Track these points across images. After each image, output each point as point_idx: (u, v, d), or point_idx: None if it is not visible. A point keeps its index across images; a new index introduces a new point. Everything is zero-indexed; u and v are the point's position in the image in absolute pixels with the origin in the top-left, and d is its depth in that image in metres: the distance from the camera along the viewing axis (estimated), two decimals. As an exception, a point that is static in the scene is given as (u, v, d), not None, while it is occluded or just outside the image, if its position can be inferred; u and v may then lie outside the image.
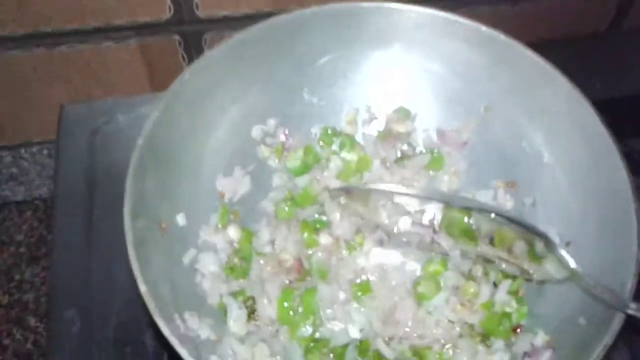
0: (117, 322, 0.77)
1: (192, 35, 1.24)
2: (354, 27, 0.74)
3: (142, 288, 0.53)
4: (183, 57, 1.29)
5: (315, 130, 0.80)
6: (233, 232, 0.71)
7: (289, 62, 0.75)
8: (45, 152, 1.49)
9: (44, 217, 1.64)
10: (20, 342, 1.46)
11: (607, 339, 0.55)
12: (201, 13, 1.19)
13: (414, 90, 0.80)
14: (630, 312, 0.56)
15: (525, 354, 0.65)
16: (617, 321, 0.56)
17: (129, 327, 0.76)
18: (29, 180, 1.58)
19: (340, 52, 0.77)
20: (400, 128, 0.81)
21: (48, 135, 1.45)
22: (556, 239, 0.71)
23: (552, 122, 0.74)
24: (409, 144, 0.82)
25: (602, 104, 0.69)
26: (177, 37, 1.25)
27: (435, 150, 0.81)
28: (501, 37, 0.72)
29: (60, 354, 0.75)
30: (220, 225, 0.72)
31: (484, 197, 0.79)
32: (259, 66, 0.73)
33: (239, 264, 0.68)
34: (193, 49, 1.27)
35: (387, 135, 0.81)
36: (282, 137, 0.78)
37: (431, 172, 0.80)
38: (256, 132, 0.77)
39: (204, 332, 0.61)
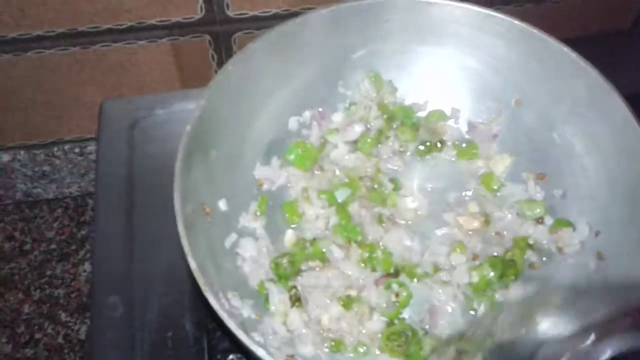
0: (158, 308, 0.79)
1: (222, 35, 1.27)
2: (390, 21, 0.77)
3: (193, 265, 0.56)
4: (213, 56, 1.32)
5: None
6: (288, 237, 0.74)
7: (325, 56, 0.78)
8: (77, 150, 1.53)
9: (75, 215, 1.68)
10: (52, 336, 1.49)
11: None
12: (231, 12, 1.22)
13: (446, 85, 0.82)
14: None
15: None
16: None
17: (170, 313, 0.78)
18: (61, 178, 1.62)
19: (375, 47, 0.79)
20: (436, 129, 0.83)
21: (80, 134, 1.48)
22: (585, 229, 0.73)
23: (582, 113, 0.75)
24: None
25: (628, 99, 0.71)
26: (207, 37, 1.27)
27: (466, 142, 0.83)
28: (534, 31, 0.74)
29: (103, 339, 0.77)
30: (258, 213, 0.75)
31: (514, 189, 0.80)
32: (296, 59, 0.76)
33: (286, 266, 0.70)
34: (223, 49, 1.30)
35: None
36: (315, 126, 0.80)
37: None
38: (292, 123, 0.79)
39: (246, 311, 0.64)
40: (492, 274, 0.71)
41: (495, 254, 0.74)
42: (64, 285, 1.56)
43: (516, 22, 0.74)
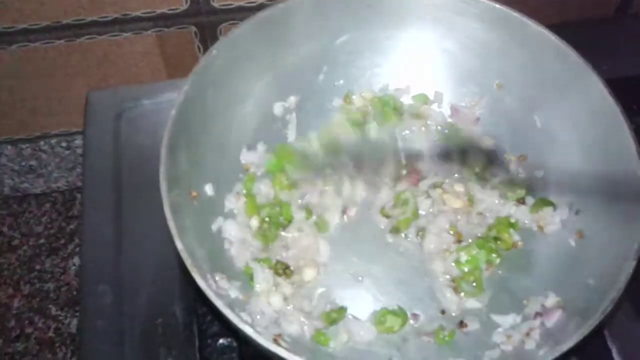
0: (147, 296, 0.79)
1: (208, 26, 1.27)
2: (372, 6, 0.78)
3: (179, 245, 0.56)
4: (199, 48, 1.32)
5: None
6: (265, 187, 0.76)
7: (309, 41, 0.79)
8: (64, 144, 1.52)
9: (63, 210, 1.67)
10: (43, 330, 1.49)
11: (614, 294, 0.58)
12: (217, 3, 1.22)
13: (429, 69, 0.83)
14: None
15: (537, 314, 0.67)
16: (624, 277, 0.59)
17: (160, 300, 0.79)
18: (48, 173, 1.62)
19: (358, 32, 0.80)
20: (419, 112, 0.84)
21: (67, 127, 1.48)
22: (566, 208, 0.74)
23: (562, 96, 0.76)
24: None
25: (610, 83, 0.72)
26: (193, 28, 1.28)
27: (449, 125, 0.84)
28: (514, 14, 0.75)
29: (93, 327, 0.78)
30: (244, 191, 0.76)
31: (497, 171, 0.81)
32: (280, 44, 0.77)
33: (268, 227, 0.72)
34: (209, 40, 1.30)
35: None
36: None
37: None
38: (278, 108, 0.80)
39: (233, 292, 0.65)
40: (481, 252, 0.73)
41: (479, 234, 0.75)
42: (54, 279, 1.56)
43: (496, 5, 0.75)
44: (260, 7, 1.23)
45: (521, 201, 0.78)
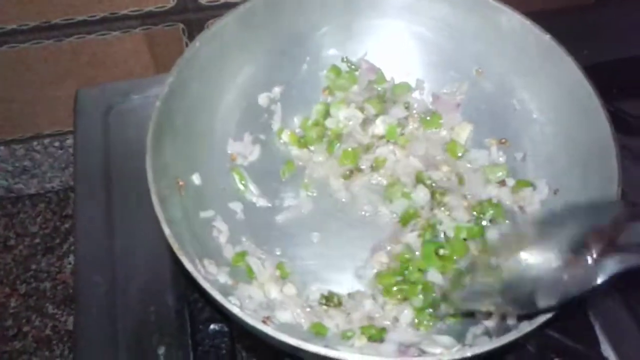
0: (140, 284, 0.81)
1: (195, 23, 1.28)
2: (350, -4, 0.80)
3: (167, 231, 0.58)
4: (187, 44, 1.33)
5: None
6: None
7: (292, 33, 0.80)
8: (57, 144, 1.53)
9: (57, 209, 1.69)
10: (40, 328, 1.51)
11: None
12: (204, 0, 1.24)
13: (409, 57, 0.85)
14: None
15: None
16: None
17: (152, 288, 0.80)
18: (42, 173, 1.63)
19: (338, 23, 0.82)
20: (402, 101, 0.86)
21: (59, 127, 1.49)
22: (545, 189, 0.76)
23: (540, 80, 0.78)
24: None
25: (589, 68, 0.74)
26: (181, 25, 1.29)
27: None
28: (490, 1, 0.77)
29: (88, 315, 0.79)
30: (241, 187, 0.78)
31: (479, 155, 0.83)
32: (263, 36, 0.78)
33: None
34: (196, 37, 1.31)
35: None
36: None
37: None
38: (263, 99, 0.82)
39: (222, 277, 0.66)
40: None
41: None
42: (50, 278, 1.57)
43: (473, -8, 0.77)
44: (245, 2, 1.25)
45: (502, 183, 0.80)
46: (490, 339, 0.63)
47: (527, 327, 0.58)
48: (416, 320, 0.69)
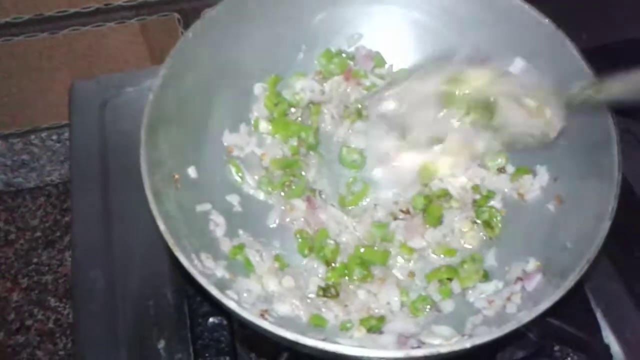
0: (139, 279, 0.81)
1: (191, 12, 1.27)
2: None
3: (162, 227, 0.58)
4: (182, 34, 1.32)
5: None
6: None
7: (287, 20, 0.79)
8: (54, 137, 1.53)
9: (57, 202, 1.69)
10: (43, 321, 1.51)
11: (590, 254, 0.60)
12: (198, -11, 1.23)
13: (406, 44, 0.84)
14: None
15: (518, 279, 0.69)
16: (600, 237, 0.60)
17: (151, 282, 0.80)
18: (40, 167, 1.63)
19: (334, 10, 0.81)
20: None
21: (56, 120, 1.49)
22: (545, 176, 0.76)
23: (537, 65, 0.77)
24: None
25: (587, 52, 0.73)
26: (176, 15, 1.28)
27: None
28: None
29: (86, 310, 0.79)
30: (238, 179, 0.77)
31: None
32: (257, 24, 0.77)
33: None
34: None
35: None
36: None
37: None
38: (258, 89, 0.81)
39: (219, 271, 0.66)
40: None
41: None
42: (51, 271, 1.58)
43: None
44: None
45: (502, 170, 0.79)
46: (490, 329, 0.62)
47: (526, 316, 0.57)
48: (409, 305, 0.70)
